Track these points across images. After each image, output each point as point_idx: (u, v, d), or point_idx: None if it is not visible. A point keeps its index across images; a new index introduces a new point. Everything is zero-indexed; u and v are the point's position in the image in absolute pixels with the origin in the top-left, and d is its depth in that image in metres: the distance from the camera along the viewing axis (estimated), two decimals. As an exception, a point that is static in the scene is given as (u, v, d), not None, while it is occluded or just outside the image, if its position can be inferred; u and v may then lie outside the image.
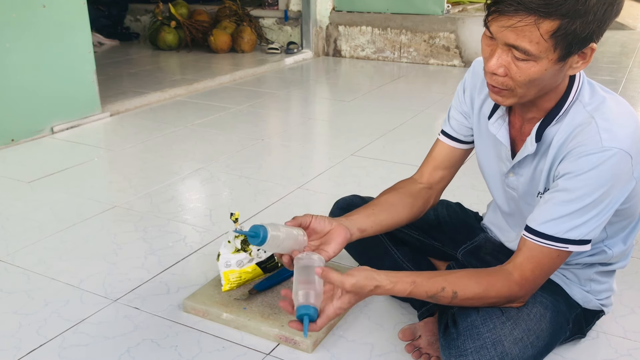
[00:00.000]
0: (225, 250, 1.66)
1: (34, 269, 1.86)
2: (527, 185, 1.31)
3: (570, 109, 1.19)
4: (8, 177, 2.63)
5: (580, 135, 1.15)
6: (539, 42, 1.04)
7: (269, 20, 5.90)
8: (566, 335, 1.38)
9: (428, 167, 1.49)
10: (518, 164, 1.30)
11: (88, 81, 3.41)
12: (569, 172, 1.15)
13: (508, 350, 1.20)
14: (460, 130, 1.45)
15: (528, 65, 1.08)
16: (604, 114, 1.15)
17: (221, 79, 4.55)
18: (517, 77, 1.11)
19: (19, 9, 2.96)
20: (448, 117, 1.48)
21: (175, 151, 3.00)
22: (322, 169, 2.76)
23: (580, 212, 1.15)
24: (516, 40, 1.05)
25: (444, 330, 1.28)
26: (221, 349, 1.48)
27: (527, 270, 1.20)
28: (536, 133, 1.22)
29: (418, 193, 1.47)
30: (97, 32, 6.05)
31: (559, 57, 1.07)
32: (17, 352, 1.47)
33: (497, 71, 1.11)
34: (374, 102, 4.05)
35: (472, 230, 1.62)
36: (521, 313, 1.25)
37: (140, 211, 2.29)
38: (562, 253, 1.19)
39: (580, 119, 1.17)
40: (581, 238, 1.17)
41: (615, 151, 1.11)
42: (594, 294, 1.40)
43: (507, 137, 1.30)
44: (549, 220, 1.18)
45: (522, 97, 1.16)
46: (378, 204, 1.42)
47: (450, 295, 1.20)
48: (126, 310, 1.65)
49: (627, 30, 7.91)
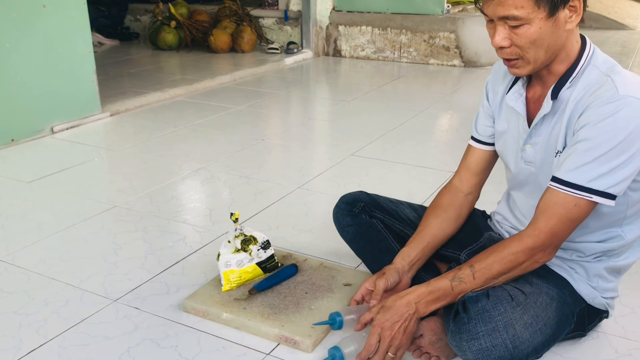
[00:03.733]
0: (225, 250, 1.66)
1: (34, 268, 1.86)
2: (543, 153, 1.35)
3: (584, 71, 1.27)
4: (8, 177, 2.63)
5: (598, 90, 1.22)
6: (523, 6, 1.18)
7: (269, 20, 5.90)
8: (570, 327, 1.39)
9: (466, 175, 1.57)
10: (535, 130, 1.35)
11: (88, 81, 3.41)
12: (588, 123, 1.21)
13: (519, 334, 1.22)
14: (486, 132, 1.53)
15: (524, 29, 1.20)
16: (619, 73, 1.24)
17: (221, 79, 4.56)
18: (520, 42, 1.22)
19: (19, 9, 2.96)
20: (475, 123, 1.55)
21: (175, 151, 3.00)
22: (322, 169, 2.76)
23: (601, 160, 1.18)
24: (504, 11, 1.19)
25: (454, 316, 1.29)
26: (221, 349, 1.48)
27: (540, 221, 1.25)
28: (552, 91, 1.29)
29: (463, 203, 1.58)
30: (97, 32, 6.05)
31: (548, 13, 1.19)
32: (17, 352, 1.47)
33: (502, 43, 1.24)
34: (374, 102, 4.05)
35: (477, 230, 1.62)
36: (529, 300, 1.28)
37: (140, 211, 2.29)
38: (581, 202, 1.21)
39: (595, 78, 1.25)
40: (605, 189, 1.20)
41: (631, 100, 1.18)
42: (600, 291, 1.41)
43: (523, 107, 1.38)
44: (573, 168, 1.22)
45: (535, 62, 1.26)
46: (428, 232, 1.55)
47: (469, 270, 1.28)
48: (126, 310, 1.65)
49: (627, 30, 7.91)
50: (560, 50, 1.26)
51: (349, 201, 1.70)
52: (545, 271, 1.39)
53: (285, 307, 1.57)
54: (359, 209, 1.67)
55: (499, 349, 1.21)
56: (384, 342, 1.30)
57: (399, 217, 1.68)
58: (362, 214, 1.67)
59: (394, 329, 1.30)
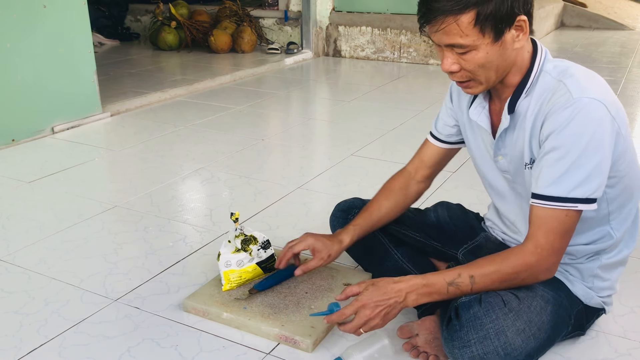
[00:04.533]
0: (226, 250, 1.66)
1: (34, 268, 1.86)
2: (515, 163, 1.35)
3: (538, 80, 1.27)
4: (8, 177, 2.64)
5: (553, 97, 1.22)
6: (468, 34, 1.17)
7: (269, 20, 5.91)
8: (568, 329, 1.39)
9: (420, 165, 1.62)
10: (501, 143, 1.36)
11: (88, 81, 3.41)
12: (551, 132, 1.21)
13: (511, 341, 1.22)
14: (445, 131, 1.56)
15: (471, 55, 1.21)
16: (572, 76, 1.23)
17: (221, 79, 4.56)
18: (468, 67, 1.23)
19: (19, 9, 2.96)
20: (436, 121, 1.58)
21: (175, 151, 3.01)
22: (322, 169, 2.77)
23: (575, 166, 1.19)
24: (449, 40, 1.19)
25: (447, 323, 1.29)
26: (221, 349, 1.48)
27: (540, 237, 1.23)
28: (508, 105, 1.30)
29: (413, 190, 1.63)
30: (98, 33, 6.06)
31: (493, 39, 1.19)
32: (18, 351, 1.47)
33: (451, 69, 1.24)
34: (373, 102, 4.05)
35: (472, 230, 1.63)
36: (522, 305, 1.27)
37: (140, 211, 2.29)
38: (570, 213, 1.22)
39: (549, 85, 1.25)
40: (587, 196, 1.20)
41: (586, 100, 1.18)
42: (596, 290, 1.41)
43: (487, 121, 1.38)
44: (551, 182, 1.21)
45: (487, 82, 1.27)
46: (377, 213, 1.60)
47: (469, 280, 1.26)
48: (126, 310, 1.65)
49: (626, 30, 7.91)
50: (512, 66, 1.27)
51: (344, 208, 1.73)
52: None
53: (285, 307, 1.57)
54: (353, 216, 1.69)
55: (491, 356, 1.21)
56: (359, 319, 1.27)
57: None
58: None
59: (374, 310, 1.27)
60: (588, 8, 8.38)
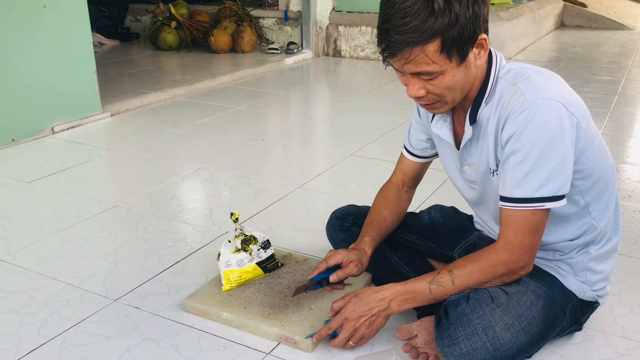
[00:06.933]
0: (226, 250, 1.66)
1: (34, 268, 1.87)
2: (482, 172, 1.37)
3: (496, 87, 1.29)
4: (8, 177, 2.64)
5: (510, 101, 1.24)
6: (435, 61, 1.18)
7: (269, 20, 5.91)
8: (563, 325, 1.40)
9: (403, 177, 1.66)
10: (466, 153, 1.38)
11: (88, 81, 3.41)
12: (510, 136, 1.23)
13: (499, 336, 1.23)
14: (419, 145, 1.59)
15: (438, 80, 1.22)
16: (526, 78, 1.24)
17: (221, 79, 4.56)
18: (436, 91, 1.24)
19: (19, 9, 2.96)
20: (408, 135, 1.61)
21: (175, 151, 3.01)
22: (322, 169, 2.77)
23: (538, 167, 1.20)
24: (416, 69, 1.19)
25: (437, 323, 1.31)
26: (221, 349, 1.48)
27: (509, 235, 1.26)
28: (469, 116, 1.32)
29: (405, 198, 1.67)
30: (98, 32, 6.06)
31: (459, 61, 1.20)
32: (18, 351, 1.47)
33: (418, 94, 1.25)
34: (374, 102, 4.05)
35: (466, 230, 1.65)
36: (511, 300, 1.28)
37: (140, 211, 2.29)
38: (537, 212, 1.23)
39: (505, 90, 1.27)
40: (553, 194, 1.21)
41: (540, 101, 1.19)
42: (589, 284, 1.42)
43: (449, 134, 1.41)
44: (515, 185, 1.23)
45: (453, 101, 1.28)
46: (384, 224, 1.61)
47: (448, 276, 1.29)
48: (126, 310, 1.65)
49: (626, 30, 7.91)
50: (474, 81, 1.28)
51: (340, 216, 1.75)
52: (534, 269, 1.39)
53: (285, 307, 1.57)
54: (349, 223, 1.72)
55: (480, 352, 1.22)
56: (345, 331, 1.34)
57: None
58: (353, 227, 1.72)
59: (358, 321, 1.33)
60: (588, 8, 8.39)
